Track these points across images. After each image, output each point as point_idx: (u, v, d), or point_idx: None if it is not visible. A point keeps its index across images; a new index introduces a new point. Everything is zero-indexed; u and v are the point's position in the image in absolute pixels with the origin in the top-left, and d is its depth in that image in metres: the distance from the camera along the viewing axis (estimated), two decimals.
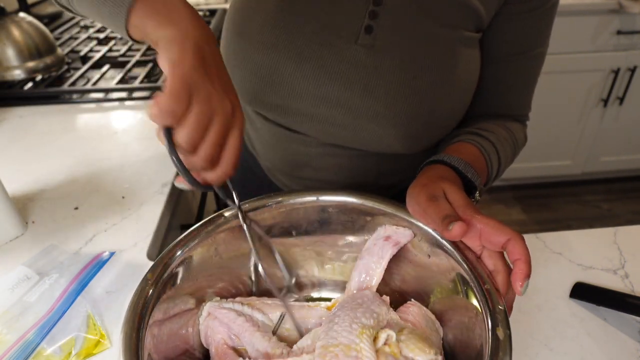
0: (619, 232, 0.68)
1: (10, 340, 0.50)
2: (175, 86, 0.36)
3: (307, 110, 0.60)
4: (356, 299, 0.46)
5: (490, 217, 0.43)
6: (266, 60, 0.58)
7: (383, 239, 0.51)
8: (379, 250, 0.50)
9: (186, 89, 0.37)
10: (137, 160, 0.82)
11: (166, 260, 0.44)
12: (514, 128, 0.67)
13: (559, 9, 0.64)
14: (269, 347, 0.44)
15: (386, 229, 0.51)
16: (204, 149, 0.39)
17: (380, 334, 0.41)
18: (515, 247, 0.41)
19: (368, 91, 0.58)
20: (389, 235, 0.51)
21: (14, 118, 0.98)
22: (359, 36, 0.57)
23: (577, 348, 0.51)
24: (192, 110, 0.37)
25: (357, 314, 0.43)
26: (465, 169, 0.53)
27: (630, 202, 2.28)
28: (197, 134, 0.38)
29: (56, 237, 0.66)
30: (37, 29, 1.14)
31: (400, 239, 0.50)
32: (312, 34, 0.57)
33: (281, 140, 0.67)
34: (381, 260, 0.50)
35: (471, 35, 0.60)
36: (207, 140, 0.39)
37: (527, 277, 0.41)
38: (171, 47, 0.38)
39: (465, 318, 0.43)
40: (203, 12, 1.57)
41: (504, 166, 0.64)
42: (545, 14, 0.62)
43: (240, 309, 0.49)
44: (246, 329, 0.46)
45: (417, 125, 0.60)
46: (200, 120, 0.38)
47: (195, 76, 0.38)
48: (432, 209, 0.45)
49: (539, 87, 0.69)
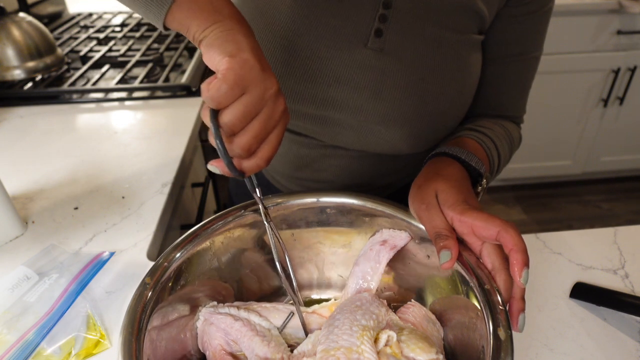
0: (619, 232, 0.68)
1: (10, 340, 0.50)
2: (230, 77, 0.37)
3: (314, 113, 0.60)
4: (355, 302, 0.46)
5: (479, 211, 0.43)
6: (274, 64, 0.58)
7: (379, 243, 0.50)
8: (375, 255, 0.50)
9: (240, 83, 0.37)
10: (137, 160, 0.82)
11: (165, 264, 0.44)
12: (509, 127, 0.68)
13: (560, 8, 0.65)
14: (269, 352, 0.44)
15: (382, 233, 0.51)
16: (245, 137, 0.39)
17: (380, 335, 0.41)
18: (507, 237, 0.41)
19: (377, 94, 0.58)
20: (386, 239, 0.50)
21: (14, 118, 0.98)
22: (369, 40, 0.57)
23: (577, 348, 0.51)
24: (243, 98, 0.38)
25: (357, 316, 0.42)
26: (468, 158, 0.53)
27: (630, 202, 2.28)
28: (241, 121, 0.38)
29: (56, 237, 0.66)
30: (37, 29, 1.14)
31: (397, 243, 0.49)
32: (322, 38, 0.57)
33: (283, 143, 0.67)
34: (378, 266, 0.49)
35: (476, 38, 0.60)
36: (249, 129, 0.39)
37: (525, 266, 0.40)
38: (226, 43, 0.39)
39: (466, 318, 0.43)
40: None
41: (502, 162, 0.64)
42: (542, 17, 0.63)
43: (236, 314, 0.48)
44: (244, 333, 0.46)
45: (423, 126, 0.60)
46: (248, 109, 0.38)
47: (253, 72, 0.38)
48: (424, 218, 0.47)
49: (540, 87, 0.70)
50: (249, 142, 0.39)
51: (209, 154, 1.13)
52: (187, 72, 1.13)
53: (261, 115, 0.39)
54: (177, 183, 0.79)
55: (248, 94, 0.38)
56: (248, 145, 0.39)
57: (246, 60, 0.38)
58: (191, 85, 1.07)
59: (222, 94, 0.37)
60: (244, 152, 0.40)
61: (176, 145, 0.86)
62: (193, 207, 1.02)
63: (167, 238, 0.73)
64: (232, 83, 0.37)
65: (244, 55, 0.38)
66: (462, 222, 0.44)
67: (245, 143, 0.39)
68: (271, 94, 0.39)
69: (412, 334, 0.42)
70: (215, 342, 0.46)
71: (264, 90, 0.39)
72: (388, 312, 0.46)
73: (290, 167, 0.70)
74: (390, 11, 0.56)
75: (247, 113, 0.38)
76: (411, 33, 0.57)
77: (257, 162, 0.41)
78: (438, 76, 0.58)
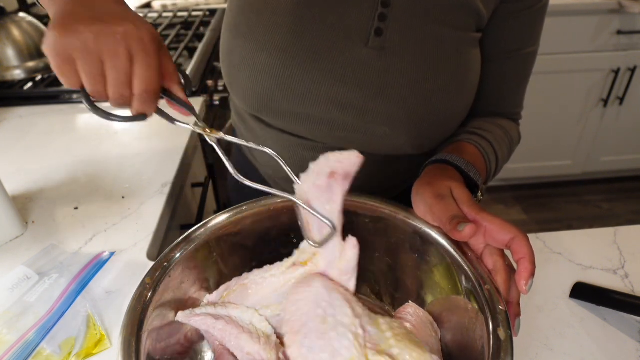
0: (619, 232, 0.68)
1: (10, 340, 0.50)
2: (51, 61, 0.38)
3: (319, 115, 0.60)
4: (315, 310, 0.40)
5: (495, 215, 0.44)
6: (275, 63, 0.57)
7: (327, 176, 0.41)
8: (324, 194, 0.41)
9: (60, 58, 0.38)
10: (137, 160, 0.82)
11: (165, 264, 0.44)
12: (508, 127, 0.68)
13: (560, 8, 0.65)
14: (262, 349, 0.41)
15: (328, 158, 0.42)
16: (111, 94, 0.40)
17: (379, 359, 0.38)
18: (520, 245, 0.41)
19: (379, 93, 0.58)
20: (334, 170, 0.41)
21: (14, 118, 0.98)
22: (370, 39, 0.57)
23: (577, 348, 0.51)
24: (78, 66, 0.38)
25: (334, 345, 0.37)
26: (467, 168, 0.54)
27: (630, 202, 2.28)
28: (95, 86, 0.39)
29: (56, 237, 0.66)
30: (37, 29, 1.14)
31: (349, 169, 0.41)
32: (322, 37, 0.57)
33: (286, 147, 0.66)
34: (334, 206, 0.41)
35: (474, 35, 0.60)
36: (109, 84, 0.39)
37: (532, 276, 0.41)
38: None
39: (465, 319, 0.43)
40: (203, 12, 1.57)
41: (500, 165, 0.65)
42: (538, 13, 0.63)
43: (215, 312, 0.45)
44: (229, 332, 0.43)
45: (427, 125, 0.60)
46: (90, 72, 0.38)
47: (60, 42, 0.38)
48: (439, 207, 0.46)
49: (540, 87, 0.70)
50: (118, 93, 0.39)
51: (209, 154, 1.13)
52: (187, 72, 1.13)
53: (107, 65, 0.39)
54: (177, 183, 0.79)
55: (78, 60, 0.38)
56: (119, 94, 0.40)
57: (48, 37, 0.38)
58: (191, 85, 1.07)
59: (61, 76, 0.38)
60: (122, 100, 0.40)
61: (176, 145, 0.86)
62: (193, 207, 1.02)
63: (167, 238, 0.73)
64: (54, 65, 0.38)
65: (48, 33, 0.38)
66: (475, 221, 0.44)
67: (116, 96, 0.40)
68: (92, 44, 0.38)
69: (402, 343, 0.39)
70: (215, 342, 0.46)
71: (83, 47, 0.38)
72: (357, 305, 0.42)
73: (295, 171, 0.70)
74: (389, 10, 0.56)
75: (91, 75, 0.38)
76: (411, 31, 0.57)
77: (138, 100, 0.40)
78: (440, 74, 0.58)
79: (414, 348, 0.39)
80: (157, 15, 1.58)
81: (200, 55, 1.25)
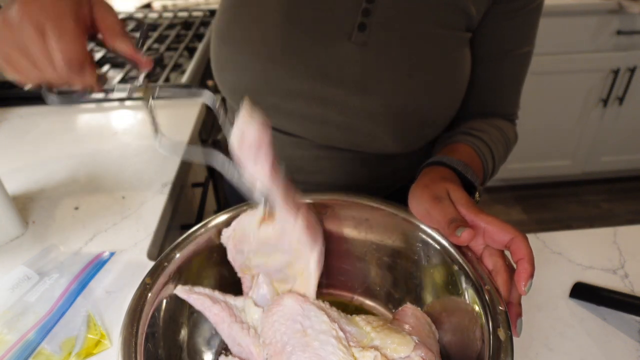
0: (618, 232, 0.68)
1: (10, 340, 0.50)
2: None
3: (301, 110, 0.60)
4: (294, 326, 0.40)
5: (493, 216, 0.44)
6: (257, 59, 0.58)
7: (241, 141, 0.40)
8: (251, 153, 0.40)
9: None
10: (137, 160, 0.82)
11: (165, 264, 0.44)
12: (504, 127, 0.68)
13: (560, 8, 0.65)
14: (252, 343, 0.42)
15: (238, 124, 0.39)
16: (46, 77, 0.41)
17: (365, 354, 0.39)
18: (519, 246, 0.41)
19: (362, 89, 0.58)
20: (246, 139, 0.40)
21: (14, 118, 0.98)
22: (353, 34, 0.57)
23: (577, 348, 0.51)
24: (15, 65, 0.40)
25: (321, 354, 0.38)
26: (464, 170, 0.54)
27: (630, 202, 2.28)
28: (29, 76, 0.40)
29: (56, 237, 0.66)
30: None
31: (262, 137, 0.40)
32: (306, 32, 0.57)
33: (274, 144, 0.67)
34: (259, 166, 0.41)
35: (463, 35, 0.60)
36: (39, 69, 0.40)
37: (531, 277, 0.41)
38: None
39: (465, 319, 0.43)
40: (203, 12, 1.57)
41: (497, 165, 0.65)
42: (532, 13, 0.63)
43: (213, 295, 0.46)
44: (223, 319, 0.43)
45: (411, 123, 0.60)
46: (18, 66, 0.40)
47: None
48: (436, 210, 0.46)
49: (540, 87, 0.70)
50: (45, 76, 0.40)
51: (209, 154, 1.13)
52: (187, 72, 1.13)
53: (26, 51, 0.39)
54: (177, 183, 0.79)
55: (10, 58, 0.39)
56: (48, 77, 0.40)
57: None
58: (191, 86, 1.07)
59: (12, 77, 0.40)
60: (58, 82, 0.41)
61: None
62: (193, 207, 1.02)
63: (167, 238, 0.73)
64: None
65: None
66: (474, 222, 0.44)
67: (46, 78, 0.41)
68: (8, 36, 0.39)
69: (381, 333, 0.40)
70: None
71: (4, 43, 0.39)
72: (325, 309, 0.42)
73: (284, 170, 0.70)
74: (374, 5, 0.56)
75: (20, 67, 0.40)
76: (395, 28, 0.57)
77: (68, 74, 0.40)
78: (426, 72, 0.58)
79: (394, 335, 0.40)
80: (157, 15, 1.58)
81: (200, 55, 1.25)
